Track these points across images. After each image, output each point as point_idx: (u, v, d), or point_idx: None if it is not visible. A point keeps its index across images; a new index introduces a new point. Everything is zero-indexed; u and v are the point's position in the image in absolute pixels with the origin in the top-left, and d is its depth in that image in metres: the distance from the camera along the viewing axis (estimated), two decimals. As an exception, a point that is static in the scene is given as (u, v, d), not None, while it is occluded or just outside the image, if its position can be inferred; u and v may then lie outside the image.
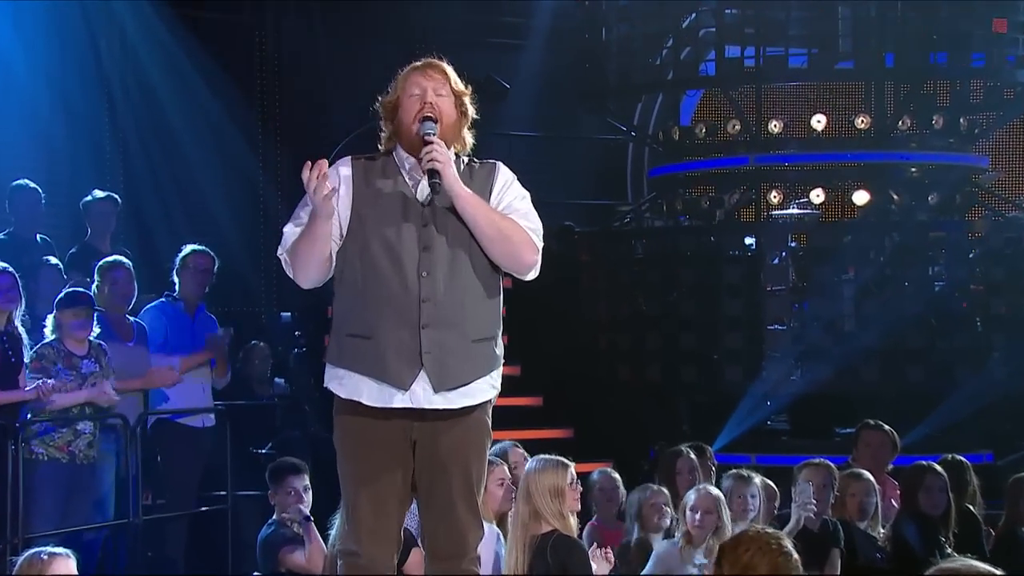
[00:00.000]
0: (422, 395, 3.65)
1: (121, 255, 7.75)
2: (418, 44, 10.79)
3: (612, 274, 11.24)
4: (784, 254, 10.25)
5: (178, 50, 10.32)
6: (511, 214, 3.74)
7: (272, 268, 10.46)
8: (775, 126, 10.72)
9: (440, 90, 3.76)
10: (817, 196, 10.63)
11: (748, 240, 10.82)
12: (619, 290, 11.10)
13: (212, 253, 7.69)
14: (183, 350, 7.60)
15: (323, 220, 3.65)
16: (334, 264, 3.73)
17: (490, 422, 3.79)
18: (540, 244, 3.76)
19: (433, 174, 3.63)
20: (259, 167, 11.34)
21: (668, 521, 6.03)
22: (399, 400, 3.65)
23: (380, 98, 3.78)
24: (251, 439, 8.39)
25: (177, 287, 7.67)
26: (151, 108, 10.45)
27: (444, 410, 3.69)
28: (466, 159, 3.83)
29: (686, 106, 12.29)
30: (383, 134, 3.81)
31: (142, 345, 7.46)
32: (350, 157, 3.81)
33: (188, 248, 7.72)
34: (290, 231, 3.78)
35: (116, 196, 8.49)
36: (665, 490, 6.15)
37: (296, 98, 11.57)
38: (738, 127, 10.95)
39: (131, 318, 7.56)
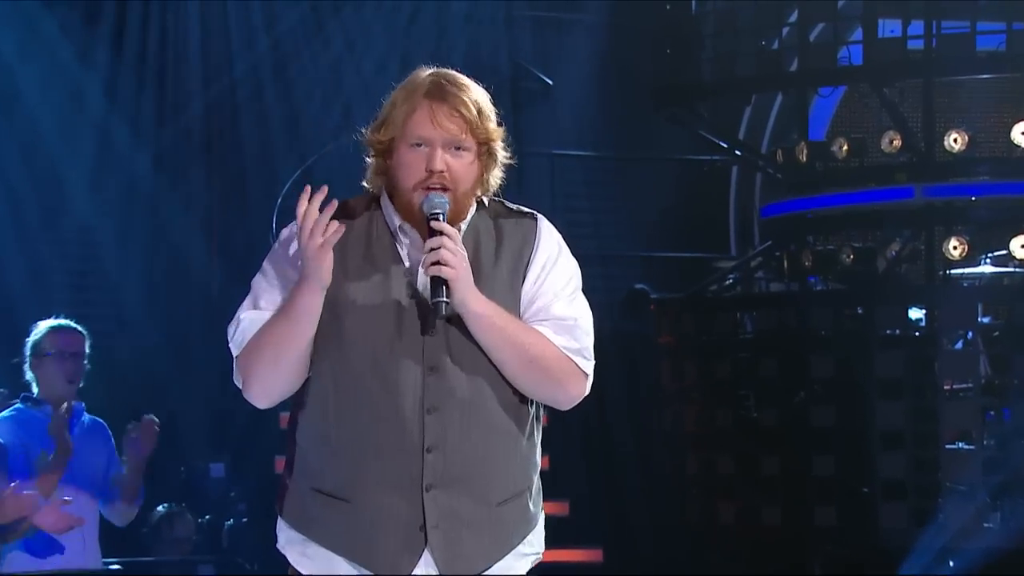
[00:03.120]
0: None
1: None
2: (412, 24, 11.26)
3: (706, 364, 10.96)
4: (971, 335, 10.26)
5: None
6: (546, 323, 3.64)
7: (199, 365, 10.68)
8: (955, 141, 10.50)
9: (455, 141, 3.60)
10: (1022, 247, 10.34)
11: (915, 313, 10.61)
12: (717, 388, 10.86)
13: (79, 328, 7.43)
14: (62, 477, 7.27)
15: (314, 295, 3.55)
16: (306, 371, 3.66)
17: None
18: (591, 368, 3.69)
19: (438, 286, 3.52)
20: (172, 195, 11.28)
21: None
22: None
23: (366, 130, 3.68)
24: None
25: (35, 386, 7.39)
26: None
27: None
28: (486, 200, 3.72)
29: (819, 112, 12.24)
30: (370, 159, 3.71)
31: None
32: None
33: (42, 326, 7.46)
34: (252, 317, 3.63)
35: None
36: None
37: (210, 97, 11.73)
38: (898, 143, 10.68)
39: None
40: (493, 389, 3.63)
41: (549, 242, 3.71)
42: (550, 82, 11.38)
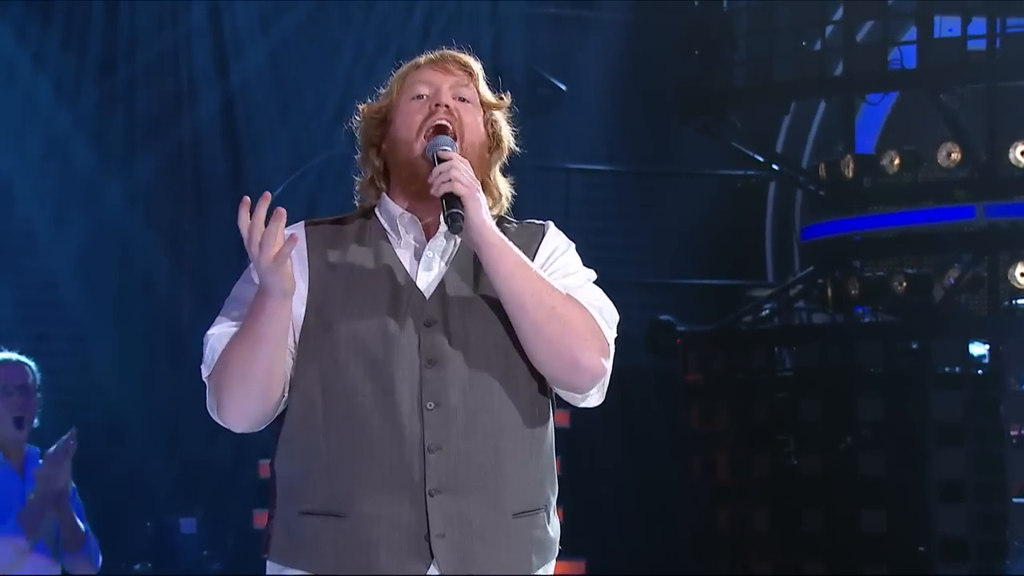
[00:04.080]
0: None
1: None
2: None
3: (740, 405, 10.93)
4: (1041, 373, 10.35)
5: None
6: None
7: (166, 407, 10.76)
8: (1021, 154, 10.45)
9: (463, 91, 3.70)
10: (1100, 274, 10.52)
11: (976, 349, 10.47)
12: (752, 433, 10.79)
13: (25, 361, 7.41)
14: (14, 528, 7.27)
15: (276, 304, 3.55)
16: (285, 393, 3.64)
17: None
18: (612, 338, 3.65)
19: (452, 204, 3.53)
20: (141, 219, 11.27)
21: None
22: None
23: (359, 107, 3.81)
24: None
25: (-21, 426, 7.58)
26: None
27: None
28: (496, 216, 3.77)
29: (867, 121, 12.19)
30: (360, 178, 3.78)
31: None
32: (303, 222, 3.76)
33: (-17, 360, 7.69)
34: (219, 332, 3.66)
35: None
36: None
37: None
38: (957, 156, 10.61)
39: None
40: (502, 382, 3.63)
41: (557, 238, 3.74)
42: (563, 88, 11.35)
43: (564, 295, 3.63)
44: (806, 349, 10.90)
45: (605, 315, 3.66)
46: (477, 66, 3.75)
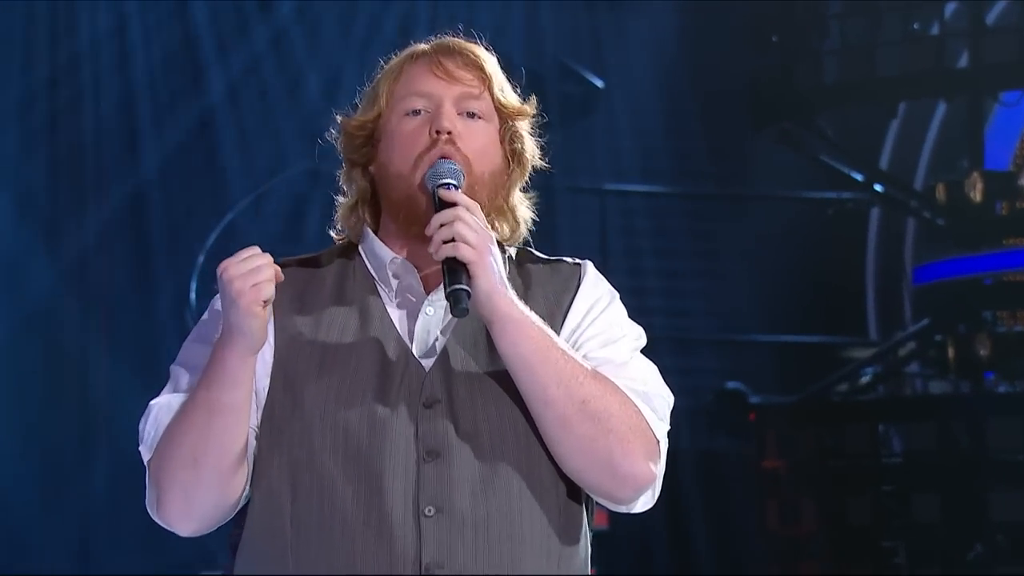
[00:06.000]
0: None
1: None
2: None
3: (834, 501, 10.91)
4: None
5: None
6: (603, 367, 3.52)
7: (76, 511, 10.74)
8: None
9: (471, 104, 3.50)
10: None
11: None
12: (850, 537, 10.78)
13: None
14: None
15: (240, 361, 3.43)
16: (247, 486, 3.49)
17: None
18: (664, 432, 3.47)
19: (456, 273, 3.36)
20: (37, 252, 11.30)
21: None
22: None
23: (337, 119, 3.65)
24: None
25: None
26: None
27: None
28: (514, 252, 3.60)
29: (1001, 129, 12.29)
30: (342, 198, 3.65)
31: None
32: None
33: None
34: (165, 402, 3.52)
35: None
36: None
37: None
38: None
39: None
40: (523, 481, 3.49)
41: (597, 287, 3.59)
42: (600, 84, 11.18)
43: (601, 382, 3.50)
44: (920, 428, 10.78)
45: (655, 404, 3.52)
46: (491, 63, 3.58)
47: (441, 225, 3.38)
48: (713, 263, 12.52)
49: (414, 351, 3.52)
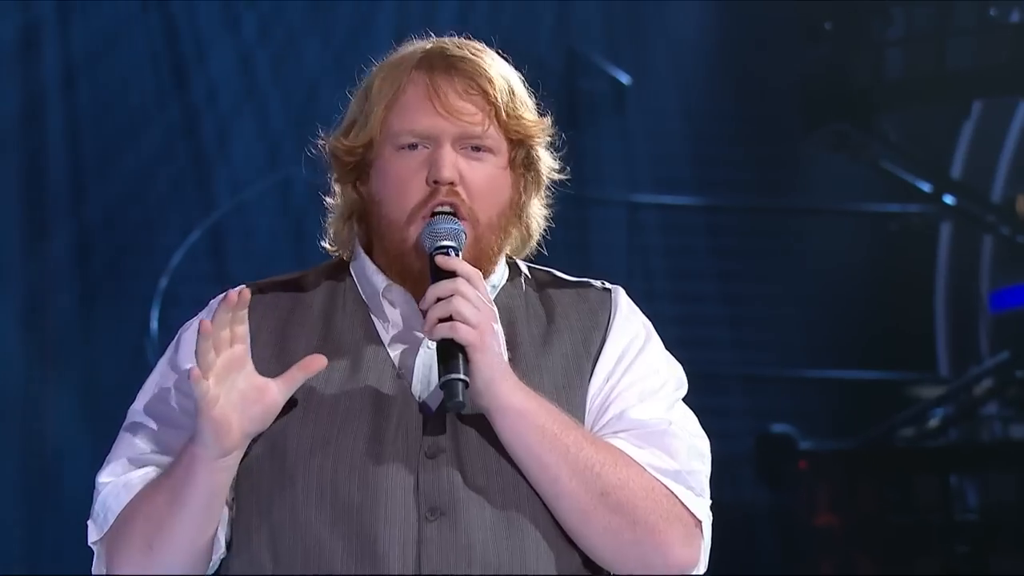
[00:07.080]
0: None
1: None
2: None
3: (900, 562, 11.00)
4: None
5: None
6: (624, 433, 3.58)
7: None
8: None
9: (475, 141, 3.56)
10: None
11: None
12: None
13: None
14: None
15: (212, 466, 3.56)
16: (218, 549, 3.57)
17: None
18: (705, 510, 3.54)
19: (451, 360, 3.44)
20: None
21: None
22: None
23: (323, 136, 3.74)
24: None
25: None
26: None
27: None
28: (525, 267, 3.75)
29: None
30: (332, 201, 3.78)
31: None
32: (242, 286, 3.61)
33: None
34: (118, 478, 3.60)
35: None
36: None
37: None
38: None
39: None
40: (541, 543, 3.50)
41: (631, 321, 3.64)
42: (626, 81, 11.02)
43: (623, 468, 3.50)
44: (999, 479, 10.90)
45: (691, 481, 3.53)
46: (499, 80, 3.56)
47: (438, 299, 3.38)
48: (756, 285, 12.01)
49: (414, 392, 3.49)
